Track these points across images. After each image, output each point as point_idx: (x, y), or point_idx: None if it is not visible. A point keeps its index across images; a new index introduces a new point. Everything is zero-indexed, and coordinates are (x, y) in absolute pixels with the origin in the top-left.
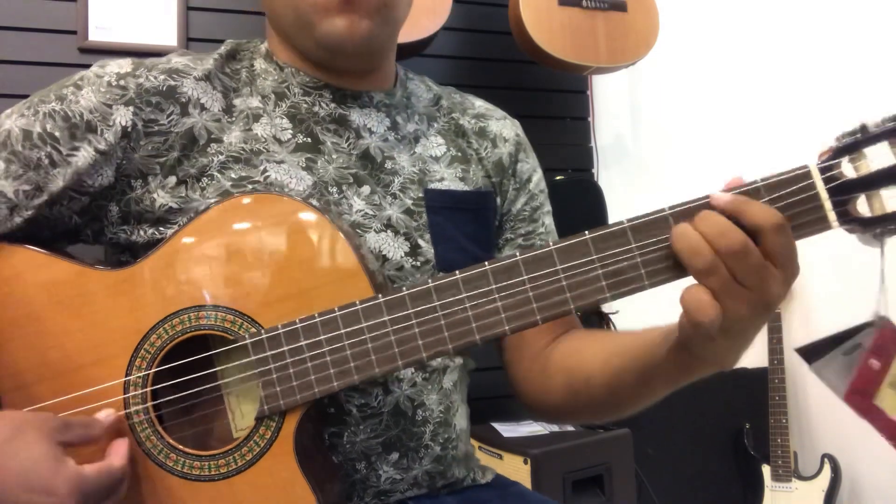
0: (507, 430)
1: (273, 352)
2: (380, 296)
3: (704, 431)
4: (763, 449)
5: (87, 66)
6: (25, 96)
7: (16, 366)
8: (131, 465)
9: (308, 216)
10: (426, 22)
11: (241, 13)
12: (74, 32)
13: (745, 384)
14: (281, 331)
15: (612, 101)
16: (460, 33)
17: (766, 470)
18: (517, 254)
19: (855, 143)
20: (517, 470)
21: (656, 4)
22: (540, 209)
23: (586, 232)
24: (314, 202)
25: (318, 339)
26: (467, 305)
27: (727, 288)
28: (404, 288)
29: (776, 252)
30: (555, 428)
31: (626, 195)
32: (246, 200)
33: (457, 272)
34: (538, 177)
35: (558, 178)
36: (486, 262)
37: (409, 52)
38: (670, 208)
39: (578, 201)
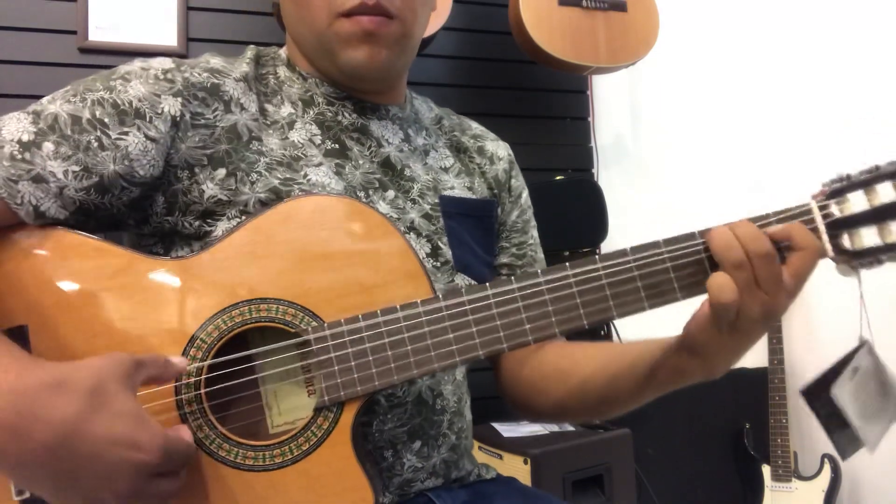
0: (507, 430)
1: (335, 344)
2: (440, 296)
3: (704, 431)
4: (763, 449)
5: (88, 67)
6: (26, 96)
7: (60, 350)
8: None
9: (371, 218)
10: None
11: (241, 13)
12: (74, 32)
13: (745, 384)
14: (344, 326)
15: (612, 101)
16: (460, 33)
17: (766, 470)
18: (567, 265)
19: (841, 189)
20: (517, 470)
21: (656, 4)
22: (529, 223)
23: (627, 248)
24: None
25: (380, 334)
26: (520, 305)
27: (748, 285)
28: (463, 291)
29: (797, 271)
30: (555, 428)
31: (626, 195)
32: (309, 199)
33: (512, 279)
34: (526, 193)
35: (558, 178)
36: (539, 271)
37: None
38: (700, 234)
39: (578, 201)
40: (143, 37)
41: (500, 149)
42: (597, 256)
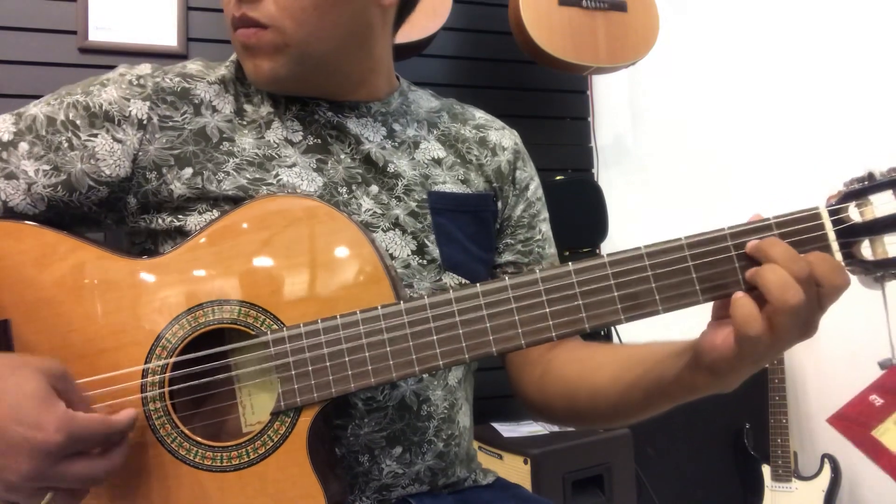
0: (507, 430)
1: (293, 348)
2: (401, 302)
3: (704, 431)
4: (763, 449)
5: (87, 67)
6: (26, 96)
7: (39, 346)
8: (144, 451)
9: (337, 220)
10: (426, 22)
11: None
12: (74, 32)
13: (745, 384)
14: (302, 329)
15: (612, 101)
16: (460, 33)
17: (766, 470)
18: (537, 271)
19: (862, 190)
20: (517, 470)
21: (656, 4)
22: (537, 216)
23: (605, 255)
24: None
25: (338, 339)
26: (485, 314)
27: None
28: (425, 296)
29: (825, 298)
30: (555, 428)
31: (626, 195)
32: (276, 200)
33: (477, 285)
34: (535, 185)
35: (558, 178)
36: (507, 277)
37: (409, 52)
38: (686, 238)
39: (578, 201)
40: (143, 37)
41: (504, 138)
42: (570, 264)
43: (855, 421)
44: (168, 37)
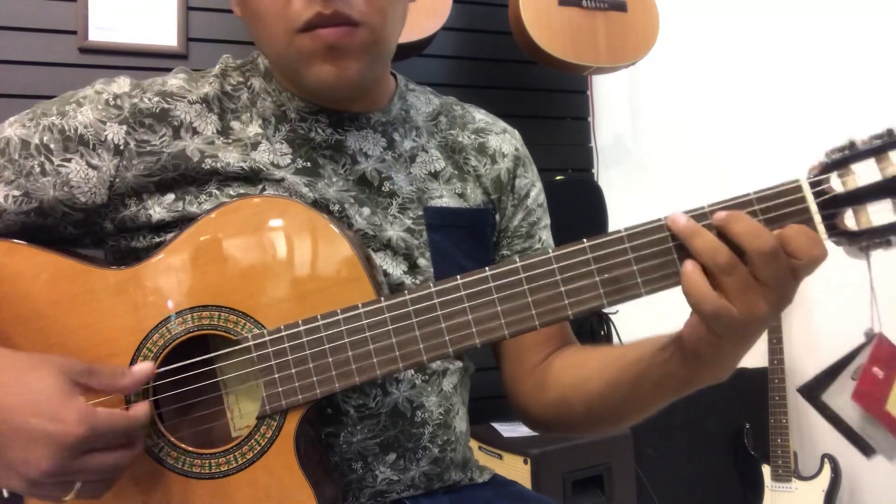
0: (507, 430)
1: (275, 351)
2: (382, 298)
3: (704, 431)
4: (763, 449)
5: (87, 67)
6: (25, 96)
7: None
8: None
9: (313, 220)
10: (426, 22)
11: None
12: (74, 32)
13: (745, 384)
14: (284, 332)
15: (612, 101)
16: (460, 33)
17: (766, 470)
18: (517, 259)
19: (843, 159)
20: (517, 470)
21: (656, 4)
22: (537, 224)
23: (584, 239)
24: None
25: (320, 340)
26: (467, 307)
27: (746, 285)
28: (406, 291)
29: (800, 270)
30: None
31: (626, 195)
32: (251, 203)
33: (458, 277)
34: (536, 191)
35: (558, 178)
36: (487, 268)
37: (409, 52)
38: (666, 218)
39: (578, 201)
40: (143, 37)
41: (504, 143)
42: (550, 250)
43: (870, 396)
44: (168, 37)
